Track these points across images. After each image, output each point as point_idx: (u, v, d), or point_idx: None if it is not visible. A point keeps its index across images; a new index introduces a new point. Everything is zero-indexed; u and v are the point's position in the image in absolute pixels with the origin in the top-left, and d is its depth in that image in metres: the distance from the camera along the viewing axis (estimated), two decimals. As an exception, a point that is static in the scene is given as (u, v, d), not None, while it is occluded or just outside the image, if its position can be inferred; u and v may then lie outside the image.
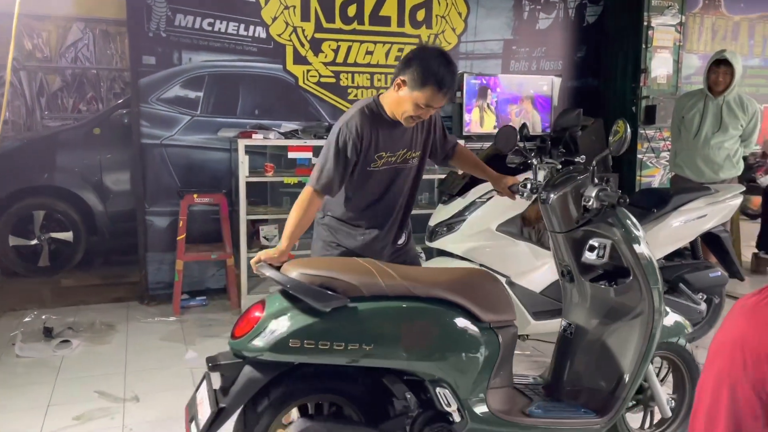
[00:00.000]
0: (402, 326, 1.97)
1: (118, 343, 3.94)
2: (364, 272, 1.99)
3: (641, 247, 2.29)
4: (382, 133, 2.36)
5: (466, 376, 2.04)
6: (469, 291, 2.10)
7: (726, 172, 4.61)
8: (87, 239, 5.43)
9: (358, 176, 2.39)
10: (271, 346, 1.85)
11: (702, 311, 3.75)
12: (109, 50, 7.95)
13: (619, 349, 2.33)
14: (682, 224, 3.61)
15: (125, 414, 3.01)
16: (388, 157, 2.40)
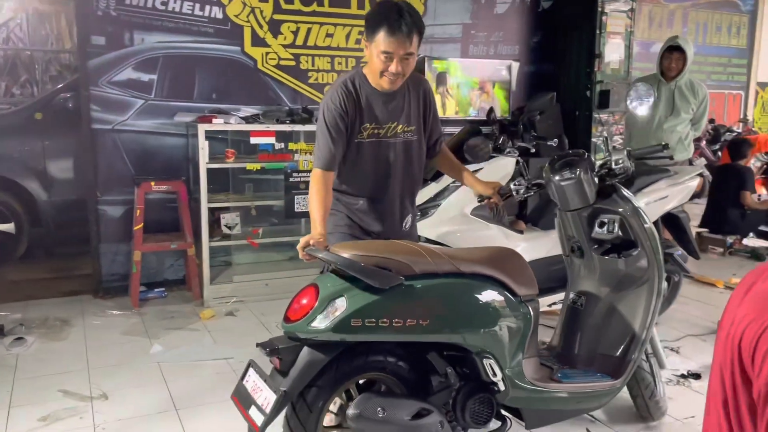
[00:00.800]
0: (452, 301, 2.06)
1: (76, 339, 3.75)
2: (413, 252, 2.03)
3: (645, 218, 2.48)
4: (367, 104, 2.36)
5: (506, 346, 2.14)
6: (505, 267, 2.21)
7: (678, 155, 4.78)
8: (30, 231, 5.14)
9: (347, 149, 2.39)
10: (334, 327, 1.86)
11: (663, 289, 3.88)
12: (44, 30, 7.51)
13: (629, 314, 2.48)
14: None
15: (94, 413, 2.86)
16: (373, 129, 2.38)
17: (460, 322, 2.06)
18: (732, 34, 10.29)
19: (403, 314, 1.92)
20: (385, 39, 2.22)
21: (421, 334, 1.98)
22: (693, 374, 3.29)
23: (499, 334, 2.12)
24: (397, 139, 2.43)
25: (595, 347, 2.53)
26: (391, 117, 2.40)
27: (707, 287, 4.91)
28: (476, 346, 2.10)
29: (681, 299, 4.23)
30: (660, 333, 3.85)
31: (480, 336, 2.08)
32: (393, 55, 2.24)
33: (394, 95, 2.39)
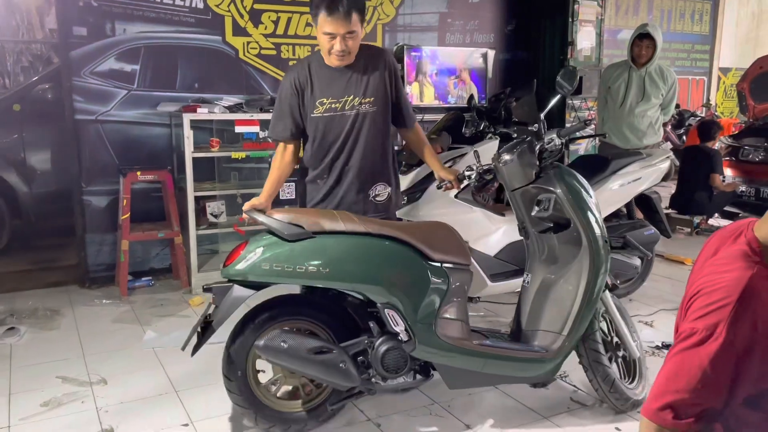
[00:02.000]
0: (353, 254, 2.34)
1: (68, 328, 3.79)
2: (329, 216, 2.39)
3: (583, 200, 2.56)
4: (322, 80, 2.54)
5: (411, 301, 2.38)
6: (419, 233, 2.46)
7: (649, 139, 4.97)
8: (11, 223, 5.11)
9: (308, 126, 2.61)
10: (249, 268, 2.26)
11: (637, 267, 4.05)
12: (14, 21, 7.40)
13: (564, 291, 2.57)
14: (620, 187, 3.89)
15: (95, 397, 2.93)
16: (330, 103, 2.54)
17: (359, 273, 2.33)
18: (695, 21, 10.58)
19: (305, 261, 2.26)
20: (325, 20, 2.39)
21: (321, 279, 2.31)
22: (666, 345, 3.48)
23: (401, 289, 2.36)
24: (354, 111, 2.56)
25: (537, 323, 2.62)
26: (347, 91, 2.54)
27: (677, 265, 5.14)
28: (378, 297, 2.36)
29: (653, 276, 4.43)
30: (634, 308, 4.07)
31: (380, 288, 2.34)
32: (335, 35, 2.41)
33: (349, 69, 2.54)
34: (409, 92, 5.18)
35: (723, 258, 1.16)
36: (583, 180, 2.66)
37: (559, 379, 3.07)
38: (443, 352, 2.44)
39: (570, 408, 2.83)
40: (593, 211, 2.57)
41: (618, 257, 3.98)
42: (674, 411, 1.12)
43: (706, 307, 1.10)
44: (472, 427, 2.66)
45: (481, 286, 3.69)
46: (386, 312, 2.38)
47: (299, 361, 2.33)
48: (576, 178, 2.63)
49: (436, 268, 2.44)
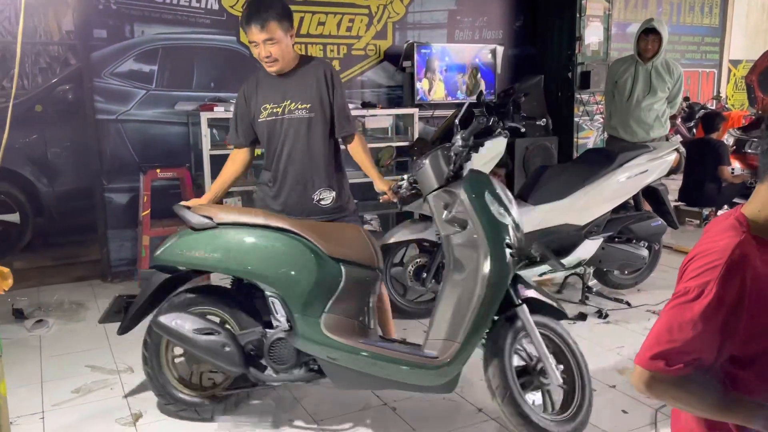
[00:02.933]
0: (245, 244, 2.51)
1: (93, 320, 3.90)
2: (241, 211, 2.74)
3: (485, 204, 2.45)
4: (265, 87, 2.76)
5: (296, 293, 2.46)
6: (319, 231, 2.56)
7: (656, 132, 5.04)
8: (34, 220, 5.28)
9: (257, 131, 2.80)
10: (164, 255, 2.57)
11: (645, 257, 4.16)
12: (31, 23, 7.57)
13: (464, 298, 2.42)
14: (627, 179, 3.97)
15: (123, 384, 3.07)
16: (272, 108, 2.73)
17: (247, 262, 2.48)
18: (705, 14, 10.57)
19: (206, 249, 2.49)
20: (246, 30, 2.63)
21: (217, 266, 2.53)
22: (673, 333, 3.57)
23: (287, 280, 2.46)
24: (292, 116, 2.72)
25: (437, 331, 2.48)
26: (285, 96, 2.72)
27: (683, 256, 5.20)
28: (265, 286, 2.52)
29: (661, 267, 4.51)
30: (642, 298, 4.17)
31: (266, 278, 2.49)
32: (257, 42, 2.62)
33: (288, 77, 2.73)
34: (420, 88, 5.28)
35: (715, 231, 1.28)
36: (497, 185, 2.59)
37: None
38: (326, 348, 2.43)
39: (578, 392, 2.93)
40: (500, 216, 2.46)
41: (626, 248, 4.09)
42: (666, 359, 1.23)
43: (699, 269, 1.23)
44: (485, 410, 2.77)
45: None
46: (270, 300, 2.55)
47: (186, 340, 2.54)
48: (484, 182, 2.54)
49: (329, 263, 2.48)
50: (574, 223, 3.89)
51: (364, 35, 5.33)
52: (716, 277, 1.20)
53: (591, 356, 3.26)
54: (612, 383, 3.00)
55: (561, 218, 3.89)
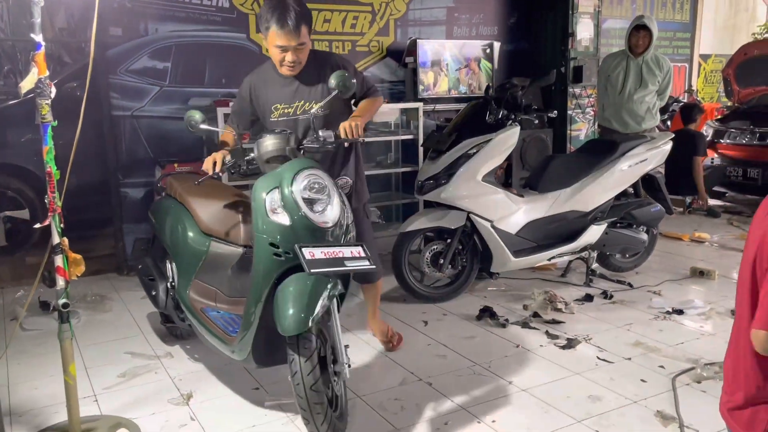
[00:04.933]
0: (162, 212, 3.23)
1: (120, 311, 4.04)
2: (184, 183, 3.25)
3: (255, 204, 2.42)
4: (275, 87, 2.78)
5: (178, 258, 3.02)
6: (205, 204, 3.01)
7: (647, 123, 5.33)
8: (44, 216, 5.31)
9: (266, 125, 2.85)
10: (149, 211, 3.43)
11: (644, 241, 4.43)
12: (24, 20, 7.53)
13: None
14: (628, 168, 4.23)
15: (166, 368, 3.20)
16: (283, 109, 2.78)
17: (160, 227, 3.17)
18: (676, 9, 10.94)
19: (155, 215, 3.29)
20: (276, 34, 2.56)
21: (156, 228, 3.25)
22: (676, 310, 3.83)
23: (175, 246, 3.03)
24: (306, 115, 2.72)
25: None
26: (298, 97, 2.76)
27: (674, 241, 5.51)
28: (167, 248, 3.13)
29: (656, 252, 4.79)
30: (641, 280, 4.43)
31: (164, 241, 3.12)
32: (287, 47, 2.59)
33: (299, 78, 2.74)
34: (423, 82, 5.46)
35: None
36: (320, 176, 2.39)
37: (584, 341, 3.40)
38: (187, 310, 2.90)
39: (597, 365, 3.16)
40: (273, 214, 2.31)
41: (628, 232, 4.35)
42: None
43: None
44: (515, 383, 2.98)
45: (506, 262, 4.02)
46: (166, 261, 3.15)
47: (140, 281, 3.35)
48: (283, 175, 2.36)
49: (199, 238, 2.95)
50: (580, 210, 4.14)
51: (367, 32, 5.50)
52: None
53: (604, 333, 3.52)
54: (627, 356, 3.23)
55: (568, 205, 4.13)
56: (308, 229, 2.31)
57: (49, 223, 2.47)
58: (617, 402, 2.77)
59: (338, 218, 2.39)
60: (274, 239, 2.31)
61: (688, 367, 3.06)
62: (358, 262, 2.32)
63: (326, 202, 2.35)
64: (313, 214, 2.31)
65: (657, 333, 3.52)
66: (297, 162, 2.41)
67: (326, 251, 2.26)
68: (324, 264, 2.21)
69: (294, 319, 2.15)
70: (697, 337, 3.46)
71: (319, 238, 2.32)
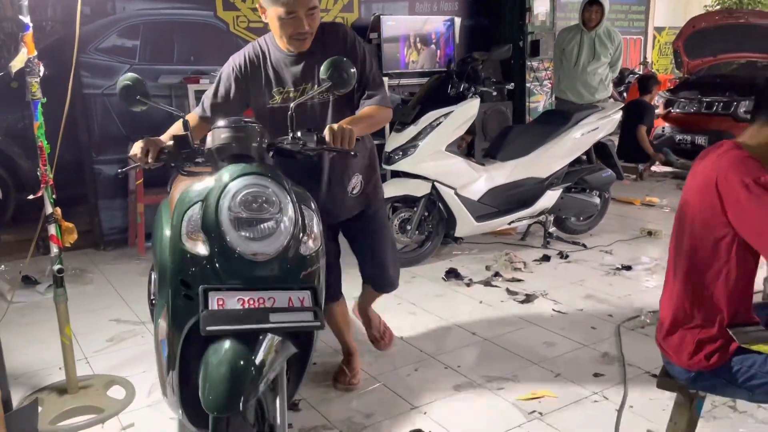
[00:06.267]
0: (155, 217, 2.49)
1: (101, 283, 4.19)
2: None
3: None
4: (277, 69, 2.31)
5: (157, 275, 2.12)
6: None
7: (600, 94, 5.63)
8: (17, 195, 5.39)
9: (260, 115, 2.33)
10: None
11: (597, 204, 4.75)
12: None
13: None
14: (582, 136, 4.51)
15: (152, 333, 3.37)
16: (286, 93, 2.31)
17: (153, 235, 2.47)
18: (631, -17, 11.28)
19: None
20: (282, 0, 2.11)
21: None
22: (625, 267, 4.16)
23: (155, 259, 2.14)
24: (313, 101, 2.28)
25: None
26: (304, 78, 2.29)
27: (626, 205, 5.86)
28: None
29: (609, 215, 5.12)
30: (595, 241, 4.75)
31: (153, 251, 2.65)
32: (298, 14, 2.13)
33: (303, 55, 2.26)
34: (388, 57, 5.65)
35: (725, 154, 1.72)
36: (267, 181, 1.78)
37: (541, 296, 3.70)
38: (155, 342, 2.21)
39: (553, 316, 3.45)
40: (187, 240, 1.75)
41: (582, 197, 4.66)
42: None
43: (754, 172, 1.64)
44: (478, 333, 3.25)
45: (469, 227, 4.28)
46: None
47: None
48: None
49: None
50: (537, 176, 4.42)
51: (332, 8, 5.64)
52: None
53: (559, 289, 3.81)
54: (580, 308, 3.53)
55: (526, 172, 4.40)
56: (232, 262, 1.68)
57: (41, 195, 2.59)
58: (570, 346, 3.07)
59: (284, 246, 1.71)
60: (185, 275, 1.70)
61: (633, 316, 3.38)
62: (294, 315, 1.65)
63: (271, 223, 1.71)
64: (243, 240, 1.68)
65: (607, 287, 3.84)
66: (235, 166, 1.79)
67: (247, 298, 1.64)
68: (234, 319, 1.59)
69: (216, 400, 1.52)
70: (643, 290, 3.79)
71: (249, 276, 1.70)
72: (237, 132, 1.90)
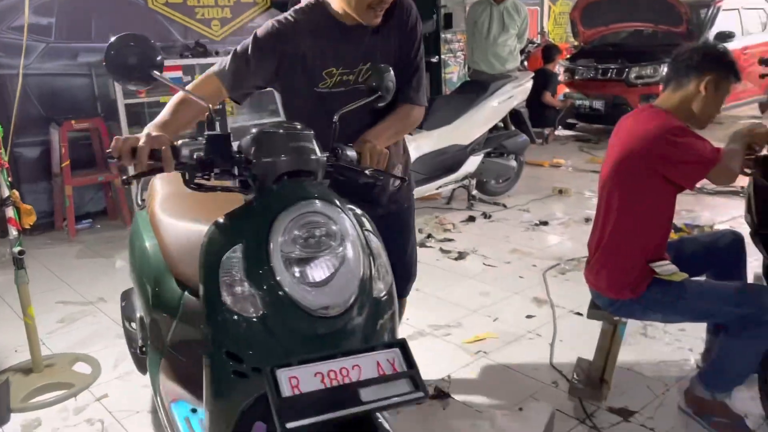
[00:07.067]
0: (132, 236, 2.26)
1: (37, 267, 4.12)
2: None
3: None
4: (331, 42, 1.79)
5: (145, 315, 1.98)
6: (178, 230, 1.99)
7: (510, 64, 5.99)
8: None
9: (308, 101, 1.84)
10: None
11: (514, 167, 5.15)
12: None
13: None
14: (499, 104, 4.86)
15: (102, 311, 3.44)
16: (341, 74, 1.81)
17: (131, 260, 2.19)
18: (528, -45, 11.76)
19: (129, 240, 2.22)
20: None
21: None
22: (542, 222, 4.58)
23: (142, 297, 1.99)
24: (347, 88, 1.83)
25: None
26: (365, 57, 1.81)
27: (537, 167, 6.33)
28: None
29: (522, 177, 5.54)
30: (513, 200, 5.16)
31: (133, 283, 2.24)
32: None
33: (366, 28, 1.79)
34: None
35: (650, 117, 2.07)
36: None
37: (471, 253, 4.03)
38: (157, 401, 1.86)
39: (484, 269, 3.79)
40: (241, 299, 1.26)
41: (500, 161, 5.03)
42: (713, 152, 1.94)
43: (678, 130, 2.00)
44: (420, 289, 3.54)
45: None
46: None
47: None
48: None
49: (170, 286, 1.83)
50: (461, 143, 4.74)
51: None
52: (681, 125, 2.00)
53: (487, 245, 4.16)
54: (507, 261, 3.90)
55: (450, 140, 4.71)
56: (294, 321, 1.23)
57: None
58: (503, 295, 3.42)
59: (357, 292, 1.26)
60: (233, 345, 1.25)
61: (554, 264, 3.78)
62: (388, 387, 1.16)
63: (333, 262, 1.25)
64: (305, 290, 1.22)
65: (529, 241, 4.23)
66: (288, 188, 1.31)
67: (326, 371, 1.15)
68: (318, 406, 1.12)
69: None
70: (560, 241, 4.22)
71: (318, 339, 1.24)
72: (298, 140, 1.35)
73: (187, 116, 1.68)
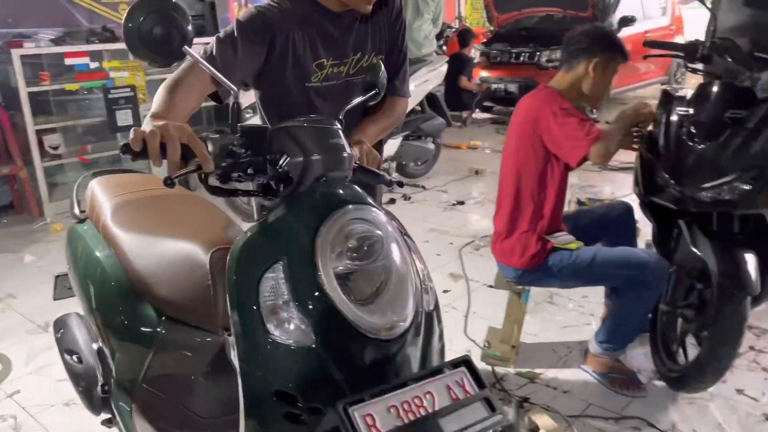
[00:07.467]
0: (76, 256, 1.96)
1: (-64, 267, 3.93)
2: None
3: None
4: (321, 31, 1.64)
5: (110, 347, 1.70)
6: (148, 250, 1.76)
7: (426, 48, 6.10)
8: None
9: (299, 98, 1.66)
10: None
11: (432, 150, 5.28)
12: None
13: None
14: (416, 88, 4.95)
15: (13, 307, 3.32)
16: (332, 66, 1.66)
17: (77, 285, 1.92)
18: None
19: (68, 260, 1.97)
20: None
21: None
22: (459, 202, 4.74)
23: (105, 327, 1.75)
24: (358, 78, 1.70)
25: None
26: (356, 46, 1.69)
27: (455, 149, 6.51)
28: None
29: (440, 159, 5.68)
30: (431, 182, 5.29)
31: (87, 312, 1.96)
32: None
33: (354, 15, 1.67)
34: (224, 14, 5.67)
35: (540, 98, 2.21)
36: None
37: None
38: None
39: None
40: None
41: (419, 144, 5.14)
42: (591, 131, 2.06)
43: (562, 107, 2.14)
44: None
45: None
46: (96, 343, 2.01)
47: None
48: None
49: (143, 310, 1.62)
50: (378, 127, 4.80)
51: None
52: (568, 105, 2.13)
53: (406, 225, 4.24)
54: (426, 240, 4.02)
55: (368, 123, 4.76)
56: (356, 348, 1.06)
57: None
58: (420, 272, 3.53)
59: (414, 308, 1.12)
60: (284, 384, 1.05)
61: (469, 241, 3.93)
62: (467, 414, 1.04)
63: (380, 272, 1.10)
64: (364, 310, 1.06)
65: (446, 220, 4.37)
66: (327, 192, 1.15)
67: (400, 402, 1.01)
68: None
69: None
70: (476, 219, 4.38)
71: (376, 367, 1.07)
72: (330, 136, 1.18)
73: (188, 104, 1.42)
